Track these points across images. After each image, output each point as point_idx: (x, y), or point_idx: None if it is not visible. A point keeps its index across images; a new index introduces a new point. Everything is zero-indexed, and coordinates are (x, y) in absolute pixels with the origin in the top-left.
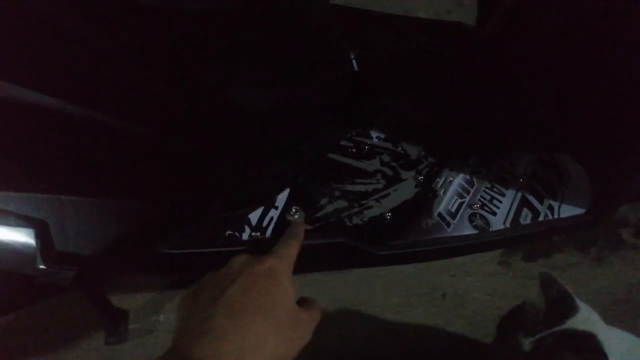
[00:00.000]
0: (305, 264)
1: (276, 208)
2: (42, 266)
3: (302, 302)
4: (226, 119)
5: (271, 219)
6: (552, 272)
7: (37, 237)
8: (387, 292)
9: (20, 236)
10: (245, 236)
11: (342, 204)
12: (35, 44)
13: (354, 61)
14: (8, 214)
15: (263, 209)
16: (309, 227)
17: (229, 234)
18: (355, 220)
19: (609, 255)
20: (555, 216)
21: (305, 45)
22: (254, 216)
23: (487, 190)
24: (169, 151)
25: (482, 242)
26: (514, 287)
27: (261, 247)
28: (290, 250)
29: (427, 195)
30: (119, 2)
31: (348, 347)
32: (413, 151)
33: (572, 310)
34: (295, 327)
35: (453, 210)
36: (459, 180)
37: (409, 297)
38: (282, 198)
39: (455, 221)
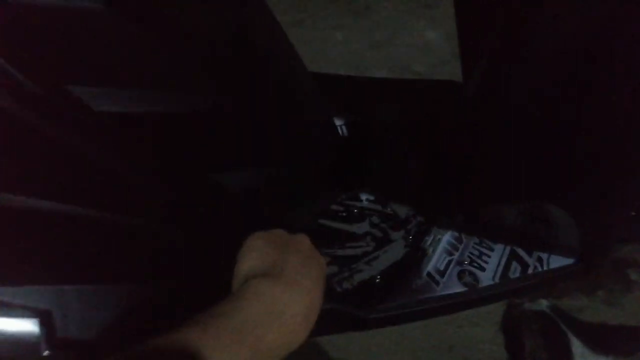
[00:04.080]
0: None
1: None
2: (45, 353)
3: None
4: (215, 202)
5: None
6: None
7: (42, 325)
8: (393, 347)
9: (25, 326)
10: None
11: (333, 269)
12: (20, 152)
13: (341, 127)
14: (14, 306)
15: None
16: None
17: None
18: (345, 285)
19: (619, 297)
20: (545, 268)
21: (289, 119)
22: None
23: (475, 246)
24: (163, 239)
25: (472, 298)
26: None
27: None
28: None
29: (416, 255)
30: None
31: None
32: (402, 211)
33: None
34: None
35: (442, 268)
36: (447, 237)
37: (415, 351)
38: None
39: (444, 279)
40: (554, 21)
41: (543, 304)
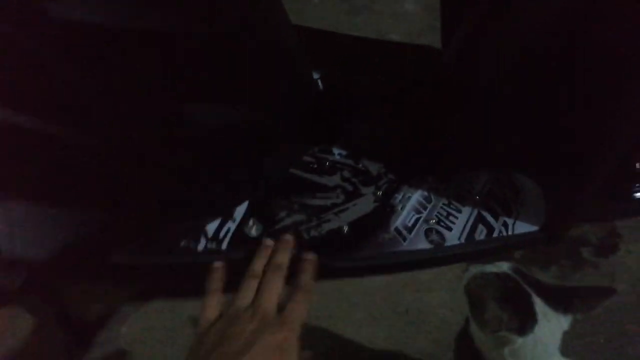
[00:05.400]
0: None
1: (234, 220)
2: None
3: None
4: (183, 133)
5: (228, 230)
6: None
7: None
8: (350, 306)
9: None
10: (200, 247)
11: (301, 217)
12: None
13: (318, 81)
14: None
15: (220, 221)
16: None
17: (183, 244)
18: (313, 233)
19: (570, 273)
20: (510, 233)
21: (268, 65)
22: (211, 227)
23: (444, 207)
24: (122, 159)
25: (437, 256)
26: None
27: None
28: (303, 314)
29: (385, 211)
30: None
31: None
32: (373, 168)
33: (559, 309)
34: None
35: (410, 225)
36: (417, 196)
37: (372, 311)
38: (240, 210)
39: (411, 236)
40: None
41: (504, 266)
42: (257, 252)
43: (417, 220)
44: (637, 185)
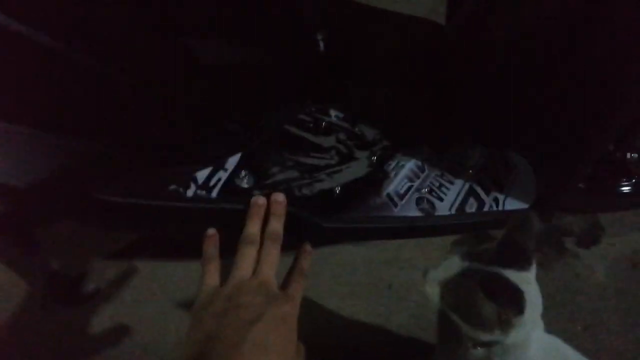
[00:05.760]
0: None
1: (225, 170)
2: None
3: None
4: (182, 67)
5: (219, 179)
6: None
7: None
8: (333, 280)
9: None
10: (190, 193)
11: (293, 174)
12: None
13: (321, 42)
14: None
15: (212, 169)
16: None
17: (172, 188)
18: (305, 191)
19: (552, 261)
20: (500, 208)
21: (277, 17)
22: (201, 175)
23: (437, 178)
24: (116, 89)
25: (427, 225)
26: None
27: (206, 208)
28: (301, 290)
29: (378, 176)
30: None
31: None
32: (369, 133)
33: (523, 263)
34: None
35: (402, 192)
36: (410, 165)
37: (354, 285)
38: (232, 161)
39: (402, 202)
40: None
41: (454, 262)
42: (250, 212)
43: (410, 188)
44: (624, 179)
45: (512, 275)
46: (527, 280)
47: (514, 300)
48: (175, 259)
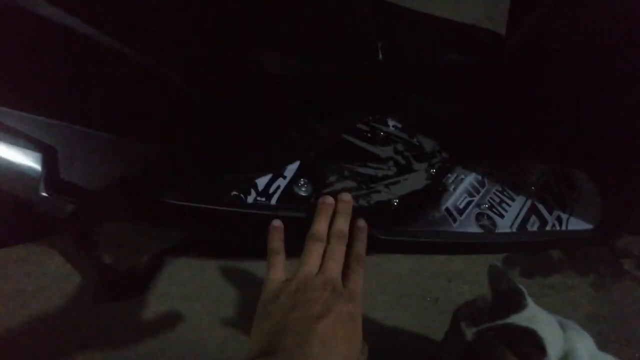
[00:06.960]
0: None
1: (284, 177)
2: (44, 193)
3: None
4: (248, 78)
5: (278, 187)
6: (546, 290)
7: (45, 162)
8: (379, 289)
9: (28, 159)
10: (250, 199)
11: (351, 184)
12: None
13: (380, 51)
14: (19, 134)
15: (271, 176)
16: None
17: (234, 194)
18: (362, 202)
19: (609, 283)
20: (563, 228)
21: (337, 27)
22: (261, 181)
23: (497, 193)
24: (188, 100)
25: (486, 242)
26: None
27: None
28: (361, 282)
29: (436, 189)
30: None
31: None
32: (428, 144)
33: (519, 306)
34: None
35: (461, 207)
36: (470, 179)
37: (401, 297)
38: (291, 169)
39: (462, 218)
40: None
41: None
42: (318, 209)
43: (469, 203)
44: None
45: (517, 318)
46: (532, 317)
47: (533, 343)
48: (224, 258)
